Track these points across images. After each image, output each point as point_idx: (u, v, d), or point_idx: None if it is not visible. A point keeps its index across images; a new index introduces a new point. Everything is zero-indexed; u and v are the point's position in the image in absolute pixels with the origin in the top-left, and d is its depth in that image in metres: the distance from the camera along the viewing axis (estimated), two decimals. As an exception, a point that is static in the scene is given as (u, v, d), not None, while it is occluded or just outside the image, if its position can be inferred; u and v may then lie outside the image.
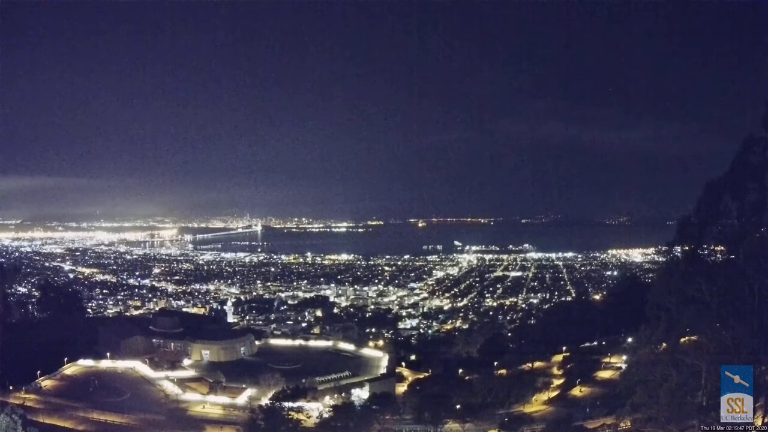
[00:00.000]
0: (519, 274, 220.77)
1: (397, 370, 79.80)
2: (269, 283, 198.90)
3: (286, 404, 52.23)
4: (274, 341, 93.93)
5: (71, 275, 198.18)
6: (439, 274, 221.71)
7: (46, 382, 62.82)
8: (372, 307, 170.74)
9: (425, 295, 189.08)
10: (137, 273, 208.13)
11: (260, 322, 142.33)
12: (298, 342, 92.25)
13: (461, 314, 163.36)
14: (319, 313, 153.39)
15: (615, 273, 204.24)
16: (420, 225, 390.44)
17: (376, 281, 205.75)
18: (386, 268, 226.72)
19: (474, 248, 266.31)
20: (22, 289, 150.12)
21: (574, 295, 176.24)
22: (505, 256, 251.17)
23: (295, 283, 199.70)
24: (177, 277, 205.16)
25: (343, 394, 65.47)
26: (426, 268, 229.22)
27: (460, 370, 77.97)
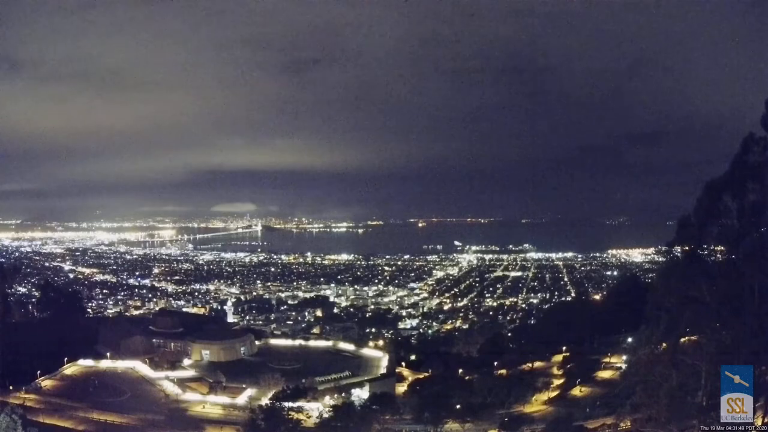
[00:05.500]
0: (519, 274, 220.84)
1: (397, 370, 79.67)
2: (269, 283, 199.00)
3: (286, 404, 52.08)
4: (274, 341, 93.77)
5: (71, 275, 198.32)
6: (439, 274, 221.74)
7: (46, 382, 62.73)
8: (372, 307, 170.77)
9: (425, 295, 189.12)
10: (137, 273, 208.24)
11: (260, 322, 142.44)
12: (298, 342, 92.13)
13: (461, 314, 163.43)
14: (319, 313, 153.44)
15: (615, 273, 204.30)
16: (420, 225, 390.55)
17: (376, 281, 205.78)
18: (386, 268, 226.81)
19: (474, 248, 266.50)
20: (22, 289, 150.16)
21: (574, 295, 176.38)
22: (505, 256, 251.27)
23: (295, 283, 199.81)
24: (177, 277, 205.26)
25: (343, 394, 65.34)
26: (426, 268, 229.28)
27: (460, 370, 77.88)
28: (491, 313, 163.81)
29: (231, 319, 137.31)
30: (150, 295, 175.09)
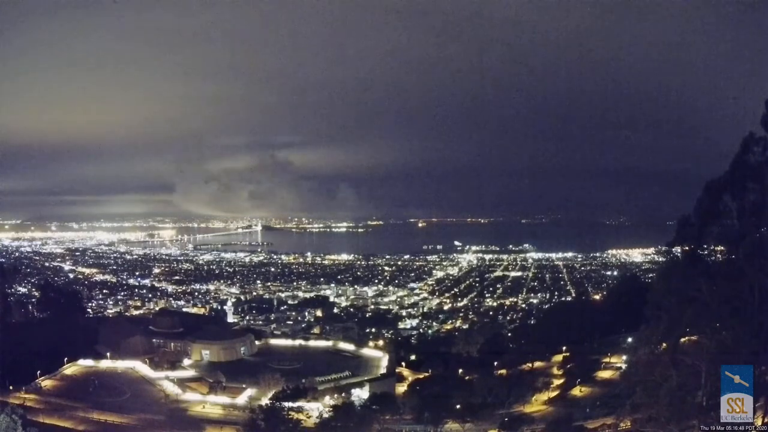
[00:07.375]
0: (519, 274, 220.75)
1: (397, 370, 79.77)
2: (269, 283, 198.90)
3: (286, 404, 52.14)
4: (274, 341, 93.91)
5: (71, 275, 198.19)
6: (439, 274, 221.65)
7: (46, 382, 62.79)
8: (372, 307, 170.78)
9: (425, 295, 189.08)
10: (137, 273, 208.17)
11: (260, 322, 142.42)
12: (298, 342, 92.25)
13: (461, 314, 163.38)
14: (319, 313, 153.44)
15: (615, 273, 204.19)
16: (420, 225, 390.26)
17: (376, 281, 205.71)
18: (386, 268, 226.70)
19: (474, 248, 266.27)
20: (22, 289, 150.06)
21: (574, 295, 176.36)
22: (505, 256, 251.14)
23: (295, 283, 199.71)
24: (177, 277, 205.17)
25: (343, 394, 65.45)
26: (426, 268, 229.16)
27: (460, 370, 77.92)
28: (491, 313, 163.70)
29: (231, 319, 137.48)
30: (150, 295, 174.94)
